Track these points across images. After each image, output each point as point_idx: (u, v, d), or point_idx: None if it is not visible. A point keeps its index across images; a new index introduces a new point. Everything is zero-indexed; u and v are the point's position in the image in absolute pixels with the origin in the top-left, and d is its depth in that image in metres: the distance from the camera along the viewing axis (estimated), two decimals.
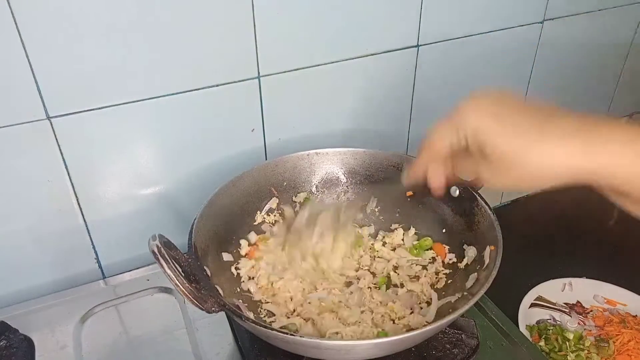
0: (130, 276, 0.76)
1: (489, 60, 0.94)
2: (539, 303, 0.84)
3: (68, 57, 0.61)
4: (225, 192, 0.70)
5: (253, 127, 0.78)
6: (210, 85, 0.71)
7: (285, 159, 0.76)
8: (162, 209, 0.77)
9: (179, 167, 0.76)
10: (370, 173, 0.78)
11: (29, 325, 0.66)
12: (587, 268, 0.91)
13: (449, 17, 0.84)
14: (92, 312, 0.69)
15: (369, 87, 0.85)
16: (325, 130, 0.85)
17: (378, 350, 0.54)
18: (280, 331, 0.52)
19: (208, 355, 0.63)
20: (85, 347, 0.65)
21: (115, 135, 0.69)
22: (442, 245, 0.72)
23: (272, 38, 0.72)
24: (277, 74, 0.75)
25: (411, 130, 0.93)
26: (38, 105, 0.62)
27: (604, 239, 1.03)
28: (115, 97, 0.66)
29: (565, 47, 1.02)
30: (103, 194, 0.72)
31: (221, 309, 0.54)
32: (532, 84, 1.03)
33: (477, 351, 0.63)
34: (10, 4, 0.56)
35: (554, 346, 0.76)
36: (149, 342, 0.65)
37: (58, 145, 0.66)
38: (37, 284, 0.74)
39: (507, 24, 0.91)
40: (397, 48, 0.83)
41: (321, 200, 0.79)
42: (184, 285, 0.51)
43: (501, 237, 0.61)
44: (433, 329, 0.54)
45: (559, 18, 0.96)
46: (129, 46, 0.64)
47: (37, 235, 0.71)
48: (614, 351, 0.76)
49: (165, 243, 0.54)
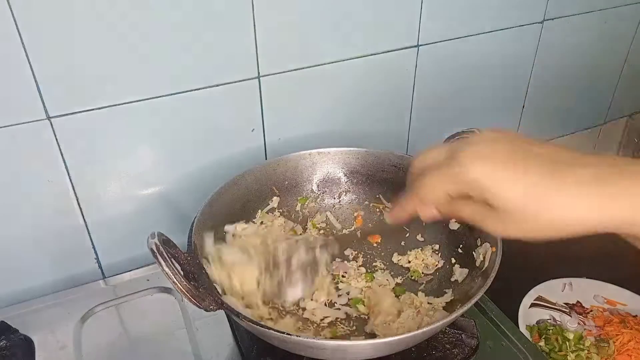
0: (130, 276, 0.76)
1: (489, 60, 0.94)
2: (539, 303, 0.84)
3: (68, 57, 0.61)
4: (227, 191, 0.70)
5: (253, 127, 0.78)
6: (210, 85, 0.71)
7: (287, 158, 0.76)
8: (162, 209, 0.77)
9: (179, 167, 0.76)
10: (372, 173, 0.78)
11: (29, 325, 0.66)
12: (587, 268, 0.91)
13: (449, 17, 0.84)
14: (92, 312, 0.69)
15: (369, 87, 0.85)
16: (325, 130, 0.85)
17: (377, 350, 0.54)
18: (280, 331, 0.52)
19: (208, 355, 0.63)
20: (85, 347, 0.65)
21: (115, 135, 0.69)
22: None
23: (272, 38, 0.72)
24: (277, 74, 0.75)
25: (411, 130, 0.93)
26: (38, 105, 0.63)
27: (604, 239, 1.03)
28: (115, 97, 0.66)
29: (565, 47, 1.02)
30: (103, 194, 0.72)
31: (219, 308, 0.54)
32: (532, 84, 1.03)
33: (477, 351, 0.63)
34: (10, 4, 0.56)
35: (554, 346, 0.76)
36: (149, 342, 0.65)
37: (58, 145, 0.66)
38: (37, 284, 0.74)
39: (507, 24, 0.91)
40: (397, 48, 0.83)
41: (321, 200, 0.79)
42: (181, 283, 0.51)
43: (501, 238, 0.61)
44: (433, 329, 0.54)
45: (559, 18, 0.96)
46: (129, 46, 0.64)
47: (37, 235, 0.71)
48: (614, 351, 0.76)
49: (165, 241, 0.54)
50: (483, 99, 0.98)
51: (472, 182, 0.40)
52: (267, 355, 0.62)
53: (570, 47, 1.02)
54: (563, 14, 0.96)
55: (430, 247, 0.74)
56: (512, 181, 0.39)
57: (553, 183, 0.38)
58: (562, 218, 0.38)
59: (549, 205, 0.38)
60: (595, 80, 1.12)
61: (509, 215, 0.40)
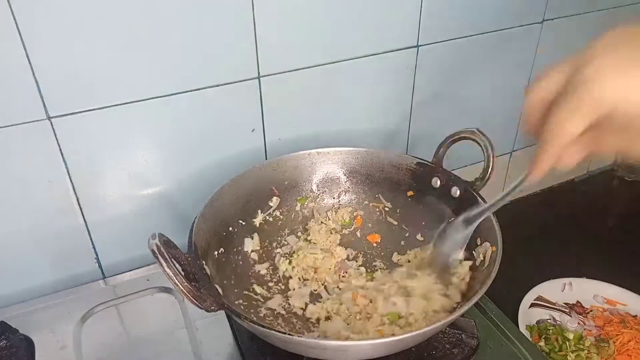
0: (130, 276, 0.76)
1: (489, 60, 0.94)
2: (539, 303, 0.84)
3: (68, 57, 0.61)
4: (227, 191, 0.70)
5: (253, 127, 0.78)
6: (210, 85, 0.71)
7: (287, 158, 0.76)
8: (162, 209, 0.77)
9: (179, 167, 0.76)
10: (371, 173, 0.78)
11: (29, 325, 0.66)
12: (587, 268, 0.91)
13: (449, 17, 0.84)
14: (92, 312, 0.69)
15: (369, 87, 0.85)
16: (325, 130, 0.85)
17: (377, 350, 0.54)
18: (280, 331, 0.52)
19: (208, 355, 0.63)
20: (85, 347, 0.65)
21: (115, 135, 0.69)
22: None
23: (272, 38, 0.72)
24: (277, 74, 0.75)
25: (411, 130, 0.93)
26: (38, 105, 0.62)
27: (604, 239, 1.03)
28: (115, 97, 0.66)
29: (565, 48, 1.02)
30: (103, 194, 0.72)
31: (220, 308, 0.54)
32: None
33: (477, 351, 0.63)
34: (10, 4, 0.56)
35: (554, 346, 0.76)
36: (149, 342, 0.65)
37: (58, 146, 0.66)
38: (37, 284, 0.74)
39: (507, 24, 0.91)
40: (397, 48, 0.83)
41: (321, 200, 0.79)
42: (182, 284, 0.51)
43: (501, 237, 0.61)
44: (433, 329, 0.54)
45: (558, 18, 0.96)
46: (129, 46, 0.64)
47: (37, 235, 0.71)
48: (614, 351, 0.76)
49: (165, 242, 0.54)
50: (483, 99, 0.98)
51: (613, 105, 0.32)
52: (267, 355, 0.63)
53: (570, 47, 1.02)
54: (563, 14, 0.96)
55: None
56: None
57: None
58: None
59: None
60: None
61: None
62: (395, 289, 0.66)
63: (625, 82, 0.31)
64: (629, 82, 0.31)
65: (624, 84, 0.31)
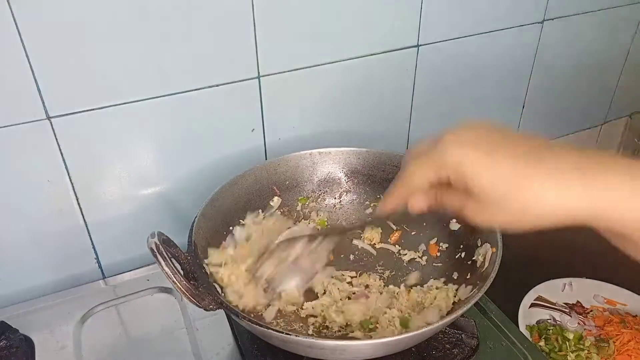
0: (130, 276, 0.76)
1: (489, 60, 0.94)
2: (539, 303, 0.84)
3: (68, 57, 0.61)
4: (227, 191, 0.70)
5: (253, 127, 0.78)
6: (210, 85, 0.71)
7: (288, 158, 0.76)
8: (162, 209, 0.77)
9: (179, 167, 0.76)
10: (372, 173, 0.78)
11: (29, 325, 0.66)
12: (587, 268, 0.91)
13: (449, 17, 0.84)
14: (92, 312, 0.69)
15: (369, 87, 0.85)
16: (325, 130, 0.85)
17: (377, 350, 0.54)
18: (280, 331, 0.52)
19: (208, 355, 0.63)
20: (85, 347, 0.65)
21: (116, 135, 0.69)
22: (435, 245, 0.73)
23: (272, 38, 0.72)
24: (277, 74, 0.75)
25: (411, 130, 0.93)
26: (38, 105, 0.63)
27: (604, 239, 1.03)
28: (115, 97, 0.66)
29: (565, 48, 1.02)
30: (103, 194, 0.72)
31: (219, 307, 0.54)
32: (531, 84, 1.03)
33: (477, 351, 0.63)
34: (10, 4, 0.56)
35: (554, 346, 0.76)
36: (149, 342, 0.65)
37: (58, 145, 0.66)
38: (37, 284, 0.74)
39: (507, 24, 0.91)
40: (397, 48, 0.83)
41: (322, 200, 0.79)
42: (181, 283, 0.51)
43: (501, 238, 0.61)
44: (433, 329, 0.54)
45: (559, 18, 0.96)
46: (128, 46, 0.64)
47: (37, 235, 0.71)
48: (614, 351, 0.76)
49: (165, 240, 0.54)
50: (483, 99, 0.98)
51: (451, 167, 0.41)
52: (267, 355, 0.63)
53: (570, 47, 1.02)
54: (563, 14, 0.96)
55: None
56: (489, 166, 0.39)
57: (529, 169, 0.38)
58: (544, 202, 0.37)
59: (531, 187, 0.37)
60: (595, 80, 1.12)
61: (485, 201, 0.40)
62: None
63: (462, 152, 0.40)
64: (465, 152, 0.40)
65: (460, 153, 0.40)
